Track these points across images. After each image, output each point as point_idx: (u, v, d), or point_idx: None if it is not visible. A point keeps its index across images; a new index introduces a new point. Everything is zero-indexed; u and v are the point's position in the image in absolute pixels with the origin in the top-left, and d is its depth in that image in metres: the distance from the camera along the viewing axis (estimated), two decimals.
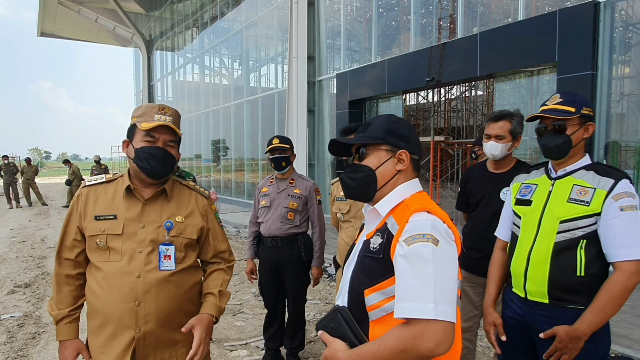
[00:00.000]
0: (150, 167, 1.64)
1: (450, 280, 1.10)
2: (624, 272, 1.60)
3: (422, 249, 1.08)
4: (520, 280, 1.81)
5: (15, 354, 3.67)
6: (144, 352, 1.64)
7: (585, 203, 1.68)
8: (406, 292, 1.08)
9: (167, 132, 1.67)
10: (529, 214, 1.84)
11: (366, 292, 1.20)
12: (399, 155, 1.29)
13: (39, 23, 22.37)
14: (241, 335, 4.03)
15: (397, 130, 1.31)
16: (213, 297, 1.77)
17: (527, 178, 1.96)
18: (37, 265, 6.76)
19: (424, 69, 7.57)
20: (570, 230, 1.69)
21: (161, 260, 1.66)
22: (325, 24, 10.79)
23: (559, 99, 1.79)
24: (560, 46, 5.56)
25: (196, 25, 17.86)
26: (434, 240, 1.09)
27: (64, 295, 1.71)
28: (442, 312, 1.04)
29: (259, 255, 3.40)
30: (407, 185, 1.30)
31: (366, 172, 1.30)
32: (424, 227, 1.12)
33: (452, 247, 1.13)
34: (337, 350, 1.18)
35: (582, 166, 1.79)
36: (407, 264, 1.09)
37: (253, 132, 13.76)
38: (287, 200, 3.24)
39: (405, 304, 1.07)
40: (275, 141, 3.23)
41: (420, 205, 1.20)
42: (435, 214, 1.16)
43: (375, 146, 1.31)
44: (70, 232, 1.70)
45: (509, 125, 2.43)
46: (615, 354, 3.50)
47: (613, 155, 5.70)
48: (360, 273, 1.25)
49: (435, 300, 1.04)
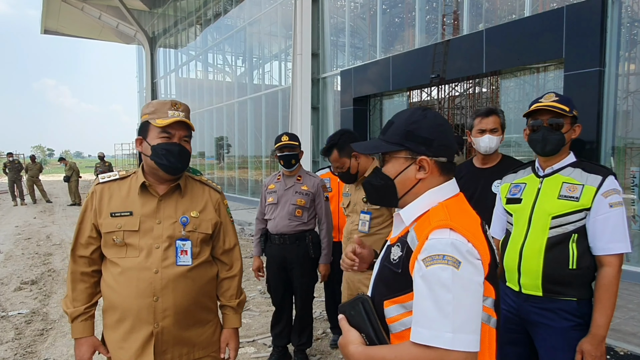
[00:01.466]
0: (168, 163, 1.64)
1: (472, 307, 1.00)
2: (614, 266, 1.71)
3: (441, 272, 0.99)
4: (514, 275, 1.89)
5: (24, 351, 3.68)
6: (163, 348, 1.65)
7: (575, 199, 1.76)
8: (423, 316, 1.01)
9: (182, 127, 1.68)
10: (520, 211, 1.92)
11: (385, 303, 1.13)
12: (419, 162, 1.17)
13: (42, 20, 22.39)
14: (248, 333, 4.03)
15: (416, 132, 1.17)
16: (232, 310, 1.87)
17: (515, 178, 2.04)
18: (43, 262, 6.78)
19: (429, 66, 7.54)
20: (562, 225, 1.77)
21: (178, 255, 1.67)
22: (329, 21, 10.76)
23: (554, 97, 1.87)
24: (568, 42, 5.52)
25: (199, 23, 17.85)
26: (455, 263, 1.00)
27: (79, 293, 1.71)
28: (460, 343, 0.97)
29: (267, 252, 3.39)
30: (436, 191, 1.18)
31: (385, 181, 1.22)
32: (444, 248, 1.02)
33: (475, 268, 1.02)
34: (350, 342, 1.13)
35: (568, 164, 1.87)
36: (425, 286, 1.01)
37: (257, 129, 13.75)
38: (295, 197, 3.23)
39: (421, 330, 1.00)
40: (285, 138, 3.23)
41: (443, 219, 1.08)
42: (458, 231, 1.05)
43: (393, 152, 1.20)
44: (85, 230, 1.70)
45: (499, 119, 2.55)
46: (624, 352, 3.49)
47: (619, 154, 5.67)
48: (380, 282, 1.19)
49: (453, 330, 0.97)
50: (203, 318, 1.76)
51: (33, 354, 3.65)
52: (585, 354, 1.71)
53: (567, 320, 1.78)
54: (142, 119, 1.70)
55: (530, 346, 1.93)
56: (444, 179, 1.20)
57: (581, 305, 1.77)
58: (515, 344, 1.97)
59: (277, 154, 3.26)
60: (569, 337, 1.77)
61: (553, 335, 1.80)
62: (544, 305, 1.82)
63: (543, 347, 1.84)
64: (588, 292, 1.78)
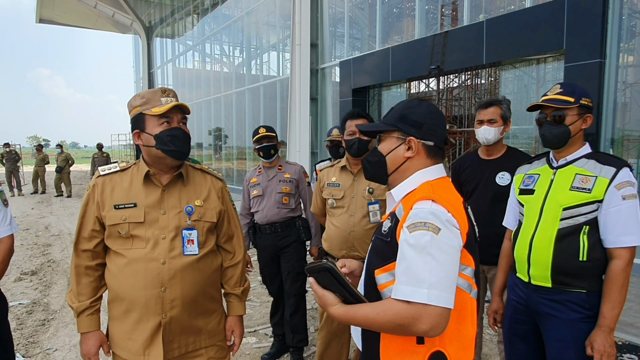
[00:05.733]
0: (176, 147, 1.64)
1: (448, 268, 1.12)
2: (624, 259, 1.70)
3: (422, 237, 1.12)
4: (524, 265, 1.89)
5: (26, 340, 3.70)
6: (170, 337, 1.66)
7: (587, 190, 1.74)
8: (403, 275, 1.13)
9: (178, 111, 1.68)
10: (532, 202, 1.91)
11: (376, 272, 1.25)
12: (408, 142, 1.30)
13: (37, 9, 22.10)
14: (249, 323, 4.05)
15: (410, 116, 1.32)
16: (236, 298, 1.89)
17: (530, 169, 2.03)
18: (42, 252, 6.78)
19: (429, 57, 7.52)
20: (574, 217, 1.76)
21: (185, 245, 1.67)
22: (328, 11, 10.69)
23: (559, 89, 1.86)
24: (569, 34, 5.51)
25: (196, 12, 17.68)
26: (434, 229, 1.12)
27: (83, 287, 1.70)
28: (436, 298, 1.08)
29: (257, 244, 3.41)
30: (424, 172, 1.31)
31: (378, 157, 1.36)
32: (426, 216, 1.14)
33: (453, 235, 1.14)
34: (329, 305, 1.24)
35: (582, 155, 1.84)
36: (407, 249, 1.14)
37: (255, 120, 13.70)
38: (280, 186, 3.28)
39: (401, 287, 1.12)
40: (262, 130, 3.32)
41: (426, 193, 1.20)
42: (440, 202, 1.17)
43: (388, 133, 1.35)
44: (88, 223, 1.69)
45: (499, 110, 2.53)
46: (622, 342, 3.54)
47: (618, 145, 5.69)
48: (373, 253, 1.30)
49: (429, 286, 1.09)
50: (209, 308, 1.77)
51: (35, 344, 3.66)
52: (594, 348, 1.70)
53: (575, 312, 1.77)
54: (134, 112, 1.67)
55: (537, 337, 1.92)
56: (432, 161, 1.33)
57: (590, 297, 1.75)
58: (523, 335, 1.97)
59: (256, 146, 3.33)
60: (577, 330, 1.76)
61: (561, 327, 1.79)
62: (552, 296, 1.81)
63: (550, 339, 1.84)
64: (598, 285, 1.76)
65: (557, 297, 1.80)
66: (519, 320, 1.97)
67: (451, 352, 1.20)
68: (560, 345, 1.80)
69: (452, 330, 1.19)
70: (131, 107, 1.69)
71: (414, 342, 1.19)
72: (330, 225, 2.75)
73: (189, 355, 1.73)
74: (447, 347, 1.20)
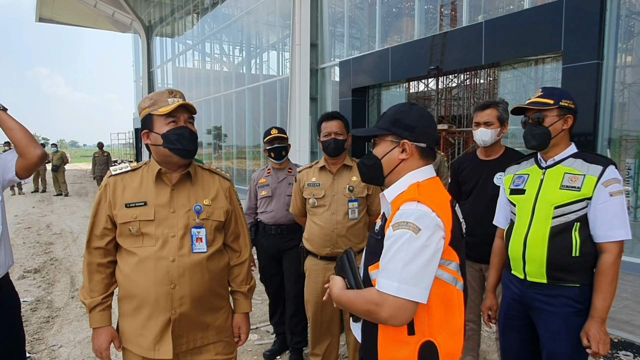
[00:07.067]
0: (182, 146, 1.69)
1: (422, 265, 1.20)
2: (613, 253, 1.77)
3: (402, 235, 1.22)
4: (519, 263, 1.95)
5: (31, 337, 3.74)
6: (179, 333, 1.71)
7: (576, 189, 1.81)
8: (383, 269, 1.25)
9: (185, 111, 1.74)
10: (523, 202, 1.97)
11: (370, 268, 1.36)
12: (402, 145, 1.38)
13: (37, 8, 22.12)
14: (251, 320, 4.09)
15: (403, 120, 1.39)
16: (243, 296, 1.94)
17: (519, 169, 2.10)
18: (44, 251, 6.83)
19: (428, 57, 7.57)
20: (565, 215, 1.83)
21: (194, 243, 1.72)
22: (328, 11, 10.73)
23: (540, 93, 1.95)
24: (567, 35, 5.56)
25: (196, 11, 17.70)
26: (415, 229, 1.21)
27: (95, 284, 1.75)
28: (404, 291, 1.19)
29: (259, 243, 3.44)
30: (414, 174, 1.38)
31: (374, 160, 1.44)
32: (408, 216, 1.24)
33: (435, 235, 1.22)
34: (334, 285, 1.43)
35: (569, 155, 1.92)
36: (389, 245, 1.25)
37: (255, 120, 13.75)
38: (290, 189, 3.28)
39: (380, 279, 1.24)
40: (274, 131, 3.32)
41: (413, 194, 1.29)
42: (425, 203, 1.25)
43: (382, 137, 1.43)
44: (100, 221, 1.75)
45: (496, 112, 2.58)
46: (618, 339, 3.59)
47: (615, 145, 5.75)
48: (368, 251, 1.41)
49: (400, 281, 1.19)
50: (217, 304, 1.82)
51: (40, 341, 3.71)
52: (590, 337, 1.77)
53: (569, 306, 1.84)
54: (143, 114, 1.74)
55: (532, 331, 1.99)
56: (424, 162, 1.41)
57: (583, 291, 1.83)
58: (518, 329, 2.04)
59: (267, 147, 3.33)
60: (570, 323, 1.84)
61: (555, 321, 1.86)
62: (547, 292, 1.88)
63: (545, 333, 1.91)
64: (590, 278, 1.84)
65: (551, 292, 1.87)
66: (513, 316, 2.04)
67: (440, 341, 1.29)
68: (554, 338, 1.87)
69: (441, 321, 1.29)
70: (141, 109, 1.75)
71: (405, 332, 1.28)
72: (312, 225, 2.78)
73: (198, 350, 1.78)
74: (436, 336, 1.29)
